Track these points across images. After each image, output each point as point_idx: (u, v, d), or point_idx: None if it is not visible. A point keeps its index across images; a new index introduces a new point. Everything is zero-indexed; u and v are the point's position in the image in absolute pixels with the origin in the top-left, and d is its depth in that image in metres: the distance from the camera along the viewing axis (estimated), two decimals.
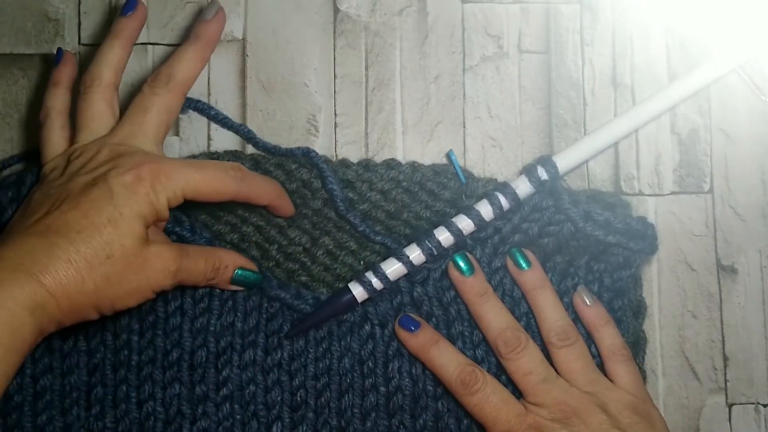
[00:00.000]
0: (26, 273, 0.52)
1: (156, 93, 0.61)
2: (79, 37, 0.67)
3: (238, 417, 0.62)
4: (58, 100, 0.63)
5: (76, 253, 0.53)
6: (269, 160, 0.65)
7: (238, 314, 0.63)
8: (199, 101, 0.66)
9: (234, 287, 0.62)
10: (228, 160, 0.64)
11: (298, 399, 0.62)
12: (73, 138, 0.61)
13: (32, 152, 0.65)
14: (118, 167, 0.57)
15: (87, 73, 0.62)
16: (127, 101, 0.62)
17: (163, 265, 0.56)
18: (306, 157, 0.65)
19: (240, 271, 0.61)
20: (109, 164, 0.57)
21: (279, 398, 0.62)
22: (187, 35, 0.66)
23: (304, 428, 0.62)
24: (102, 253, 0.54)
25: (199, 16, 0.65)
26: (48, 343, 0.62)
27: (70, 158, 0.59)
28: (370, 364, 0.63)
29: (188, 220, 0.63)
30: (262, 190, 0.62)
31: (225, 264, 0.61)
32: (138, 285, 0.56)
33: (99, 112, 0.61)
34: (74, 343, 0.62)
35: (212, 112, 0.66)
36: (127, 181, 0.56)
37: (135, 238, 0.55)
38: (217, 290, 0.63)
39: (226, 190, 0.59)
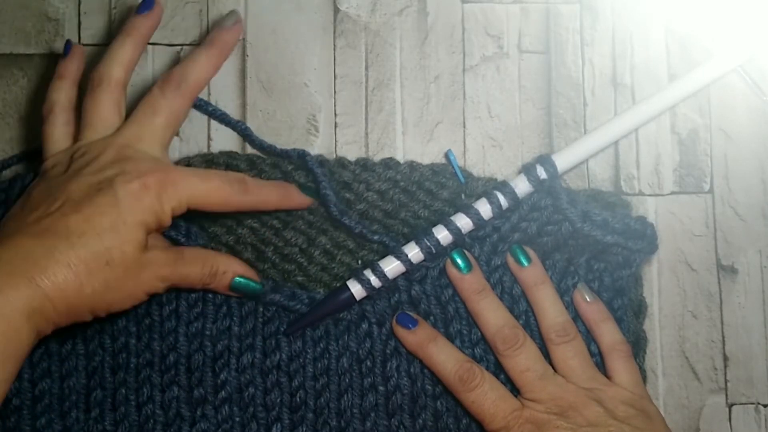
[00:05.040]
0: (24, 277, 0.51)
1: (166, 96, 0.60)
2: (79, 37, 0.67)
3: (237, 419, 0.62)
4: (62, 95, 0.61)
5: (77, 258, 0.53)
6: (265, 160, 0.65)
7: (234, 318, 0.62)
8: (197, 98, 0.66)
9: (232, 293, 0.62)
10: (223, 161, 0.64)
11: (298, 400, 0.62)
12: (77, 135, 0.60)
13: (32, 152, 0.65)
14: (124, 173, 0.56)
15: (96, 70, 0.61)
16: (128, 100, 0.63)
17: (156, 270, 0.56)
18: (301, 159, 0.65)
19: (240, 279, 0.61)
20: (115, 168, 0.56)
21: (278, 400, 0.62)
22: (186, 35, 0.67)
23: (304, 429, 0.62)
24: (102, 259, 0.53)
25: (217, 23, 0.65)
26: (46, 346, 0.62)
27: (73, 156, 0.58)
28: (369, 363, 0.62)
29: (185, 225, 0.62)
30: (268, 197, 0.61)
31: (223, 270, 0.60)
32: (134, 289, 0.56)
33: (106, 111, 0.60)
34: (72, 347, 0.62)
35: (210, 108, 0.66)
36: (133, 189, 0.55)
37: (136, 245, 0.55)
38: (210, 295, 0.62)
39: (230, 202, 0.59)
